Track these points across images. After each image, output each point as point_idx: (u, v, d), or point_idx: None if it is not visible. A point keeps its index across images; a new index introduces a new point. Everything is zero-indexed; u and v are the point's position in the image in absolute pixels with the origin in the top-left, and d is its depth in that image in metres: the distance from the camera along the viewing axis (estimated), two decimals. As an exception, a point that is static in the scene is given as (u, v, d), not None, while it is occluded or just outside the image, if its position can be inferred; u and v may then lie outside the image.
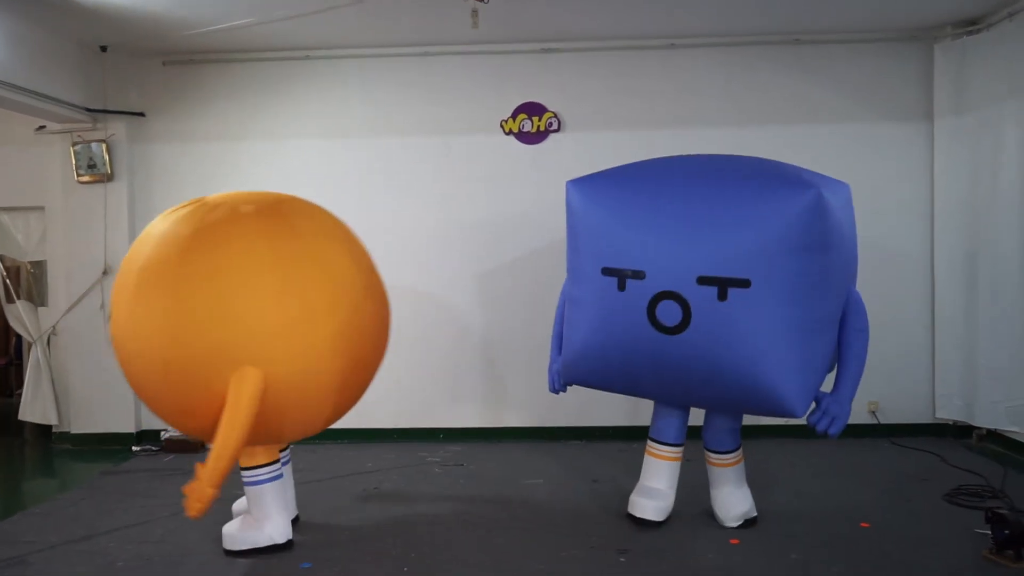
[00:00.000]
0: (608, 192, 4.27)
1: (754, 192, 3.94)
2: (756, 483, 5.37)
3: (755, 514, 4.66)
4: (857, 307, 4.25)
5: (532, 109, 6.77)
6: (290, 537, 4.38)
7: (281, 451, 4.56)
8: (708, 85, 6.74)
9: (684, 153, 4.95)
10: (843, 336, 4.20)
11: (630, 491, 4.77)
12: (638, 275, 4.03)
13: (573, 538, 4.50)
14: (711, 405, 4.48)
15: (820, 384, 4.14)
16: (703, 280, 3.90)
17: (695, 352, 3.98)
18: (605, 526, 4.68)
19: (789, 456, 6.05)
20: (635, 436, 6.62)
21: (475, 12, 5.27)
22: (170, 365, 3.89)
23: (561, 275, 5.01)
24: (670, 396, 4.50)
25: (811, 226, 3.81)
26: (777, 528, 4.58)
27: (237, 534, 4.35)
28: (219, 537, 4.47)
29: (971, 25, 6.33)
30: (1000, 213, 6.06)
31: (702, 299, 3.90)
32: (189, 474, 5.82)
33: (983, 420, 6.33)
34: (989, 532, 4.11)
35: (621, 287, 4.08)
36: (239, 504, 4.79)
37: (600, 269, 4.16)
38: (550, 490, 5.44)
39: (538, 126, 6.78)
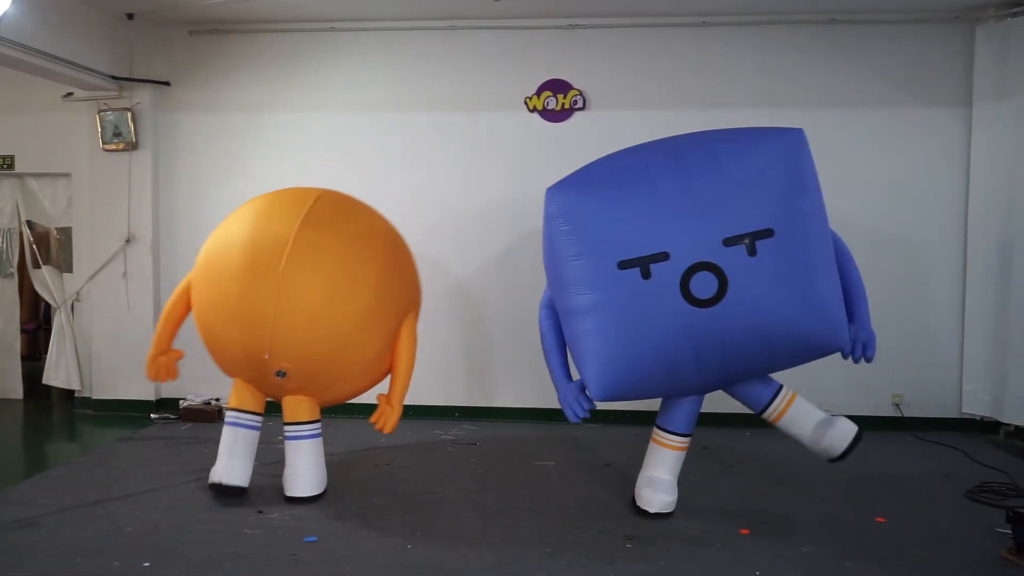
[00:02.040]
0: (598, 186, 4.10)
1: (743, 147, 3.99)
2: (770, 475, 5.30)
3: (857, 428, 4.52)
4: (838, 238, 4.34)
5: (557, 86, 6.66)
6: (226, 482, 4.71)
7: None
8: (739, 65, 6.58)
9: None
10: (840, 267, 4.21)
11: (641, 477, 4.70)
12: (661, 257, 3.90)
13: (581, 522, 4.46)
14: (756, 369, 4.29)
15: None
16: (729, 241, 3.85)
17: (738, 316, 3.88)
18: (614, 511, 4.63)
19: (804, 448, 5.92)
20: (650, 421, 6.54)
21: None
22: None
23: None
24: (712, 379, 4.23)
25: (805, 164, 3.99)
26: (789, 520, 4.49)
27: None
28: (226, 507, 4.55)
29: (1016, 6, 6.08)
30: (1038, 203, 5.86)
31: (733, 260, 3.85)
32: (204, 443, 5.96)
33: (1011, 416, 6.16)
34: (1010, 532, 3.99)
35: (646, 275, 3.91)
36: None
37: (616, 265, 3.95)
38: (561, 473, 5.40)
39: (563, 104, 6.67)
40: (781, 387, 4.51)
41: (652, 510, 4.49)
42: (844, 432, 4.43)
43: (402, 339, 4.79)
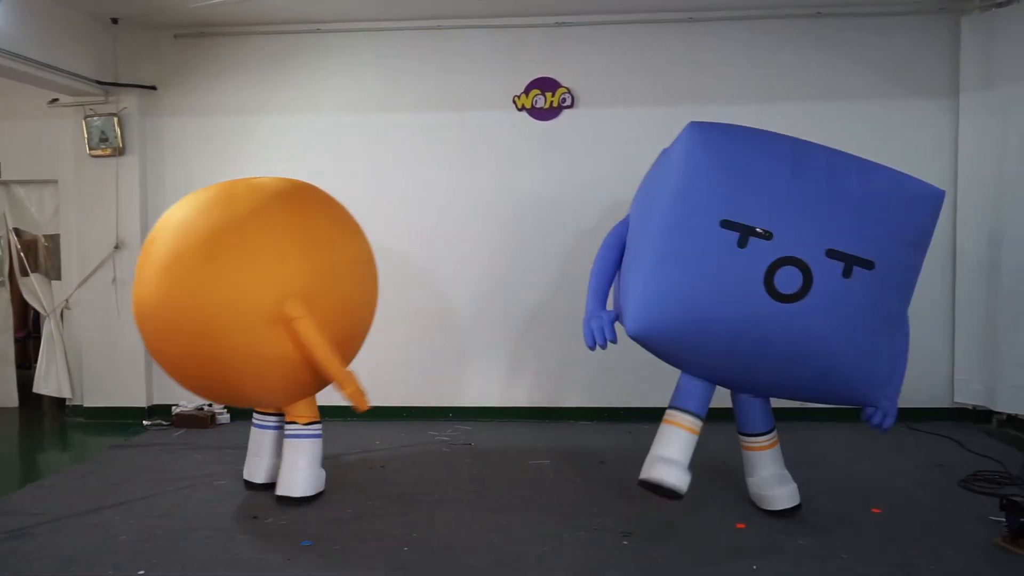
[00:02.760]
0: (741, 142, 4.01)
1: (889, 179, 3.95)
2: (766, 466, 5.30)
3: (799, 500, 4.46)
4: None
5: (545, 84, 6.66)
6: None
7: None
8: (728, 60, 6.59)
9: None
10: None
11: (637, 473, 4.64)
12: (766, 235, 3.80)
13: (577, 519, 4.45)
14: (775, 384, 4.19)
15: None
16: (832, 253, 3.79)
17: (799, 325, 3.78)
18: (610, 508, 4.63)
19: (800, 440, 5.94)
20: (644, 417, 6.56)
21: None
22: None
23: (575, 252, 4.91)
24: (731, 371, 4.12)
25: (930, 225, 3.96)
26: (785, 513, 4.49)
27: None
28: (221, 513, 4.52)
29: (1000, -3, 6.13)
30: (1026, 193, 5.89)
31: (826, 272, 3.77)
32: (198, 449, 5.94)
33: (1003, 405, 6.19)
34: (1004, 520, 4.02)
35: (743, 244, 3.80)
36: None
37: (719, 222, 3.82)
38: (556, 470, 5.40)
39: (551, 102, 6.66)
40: (774, 429, 4.54)
41: (656, 477, 4.10)
42: (789, 497, 4.45)
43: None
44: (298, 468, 4.71)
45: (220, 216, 4.35)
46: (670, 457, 4.19)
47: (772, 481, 4.48)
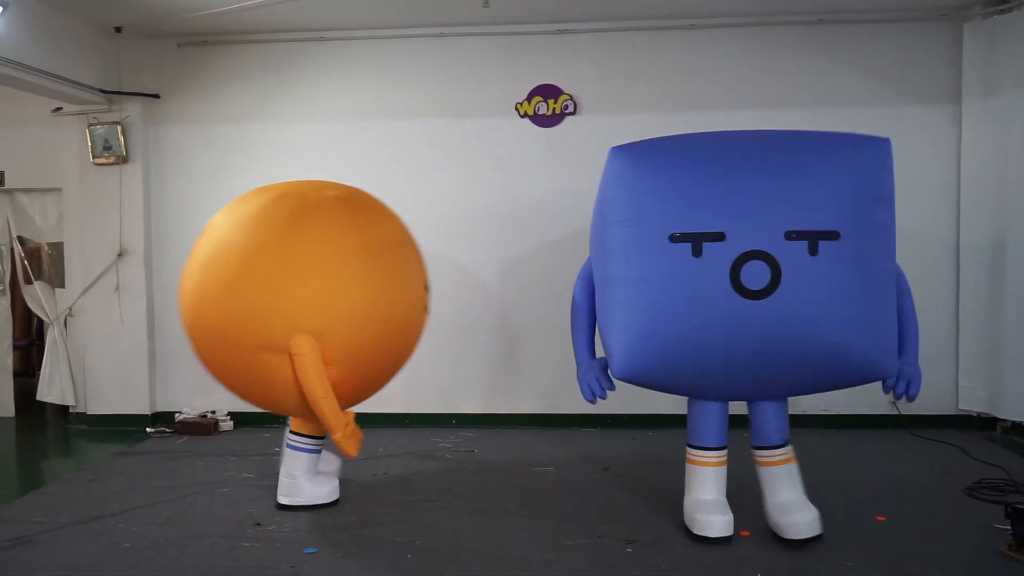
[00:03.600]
0: (667, 153, 3.93)
1: (829, 143, 3.84)
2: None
3: (820, 530, 4.10)
4: (899, 268, 4.11)
5: (547, 91, 6.67)
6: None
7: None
8: (729, 67, 6.60)
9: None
10: (897, 297, 4.01)
11: (640, 480, 4.69)
12: (718, 237, 3.67)
13: (580, 527, 4.44)
14: (786, 385, 4.08)
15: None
16: (792, 235, 3.64)
17: (785, 315, 3.65)
18: (613, 515, 4.61)
19: (804, 447, 5.90)
20: (648, 424, 6.58)
21: (487, -9, 5.17)
22: None
23: (576, 259, 4.90)
24: (738, 384, 4.01)
25: (887, 175, 3.82)
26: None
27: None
28: (224, 520, 4.52)
29: (1002, 3, 6.12)
30: (1029, 199, 5.88)
31: (791, 256, 3.62)
32: (201, 456, 5.94)
33: (1008, 412, 6.17)
34: (1009, 527, 3.99)
35: (697, 253, 3.68)
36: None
37: (668, 237, 3.72)
38: (560, 477, 5.39)
39: (554, 109, 6.67)
40: (790, 443, 4.32)
41: (711, 534, 4.11)
42: (809, 525, 4.07)
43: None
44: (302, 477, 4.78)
45: (280, 235, 4.31)
46: (708, 499, 4.19)
47: (791, 508, 4.15)
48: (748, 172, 3.77)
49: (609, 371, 4.16)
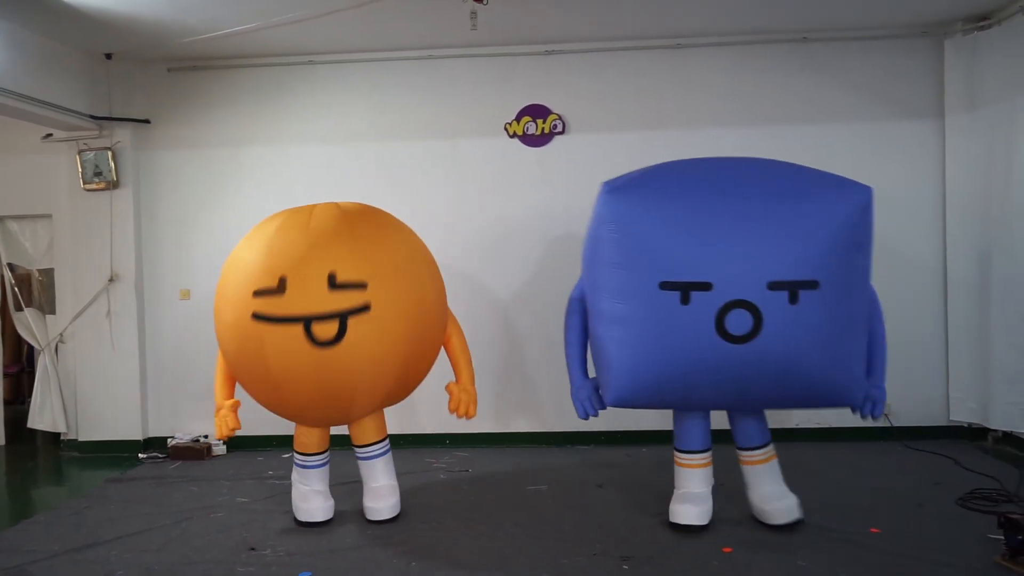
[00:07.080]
0: (658, 197, 4.04)
1: (810, 192, 3.98)
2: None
3: (800, 515, 4.55)
4: (874, 296, 4.38)
5: (536, 111, 6.73)
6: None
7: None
8: (715, 85, 6.67)
9: (692, 156, 4.79)
10: (870, 324, 4.30)
11: (635, 497, 4.72)
12: (704, 286, 3.87)
13: (576, 544, 4.44)
14: (769, 405, 4.49)
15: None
16: (774, 285, 3.83)
17: (765, 358, 3.90)
18: (609, 532, 4.61)
19: (797, 460, 5.93)
20: (641, 441, 6.58)
21: (474, 13, 5.23)
22: None
23: (567, 279, 4.95)
24: (724, 402, 4.42)
25: (866, 223, 3.98)
26: (784, 533, 4.49)
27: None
28: (219, 545, 4.51)
29: (982, 20, 6.22)
30: (1013, 211, 5.94)
31: (773, 304, 3.84)
32: (194, 481, 5.91)
33: (998, 422, 6.20)
34: (1002, 537, 4.02)
35: (685, 301, 3.89)
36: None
37: (658, 284, 3.92)
38: (554, 495, 5.38)
39: (543, 128, 6.72)
40: (771, 442, 4.65)
41: (681, 521, 4.53)
42: (789, 511, 4.52)
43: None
44: (390, 486, 5.09)
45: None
46: (693, 491, 4.58)
47: (771, 497, 4.57)
48: (734, 218, 3.93)
49: (602, 394, 4.46)
